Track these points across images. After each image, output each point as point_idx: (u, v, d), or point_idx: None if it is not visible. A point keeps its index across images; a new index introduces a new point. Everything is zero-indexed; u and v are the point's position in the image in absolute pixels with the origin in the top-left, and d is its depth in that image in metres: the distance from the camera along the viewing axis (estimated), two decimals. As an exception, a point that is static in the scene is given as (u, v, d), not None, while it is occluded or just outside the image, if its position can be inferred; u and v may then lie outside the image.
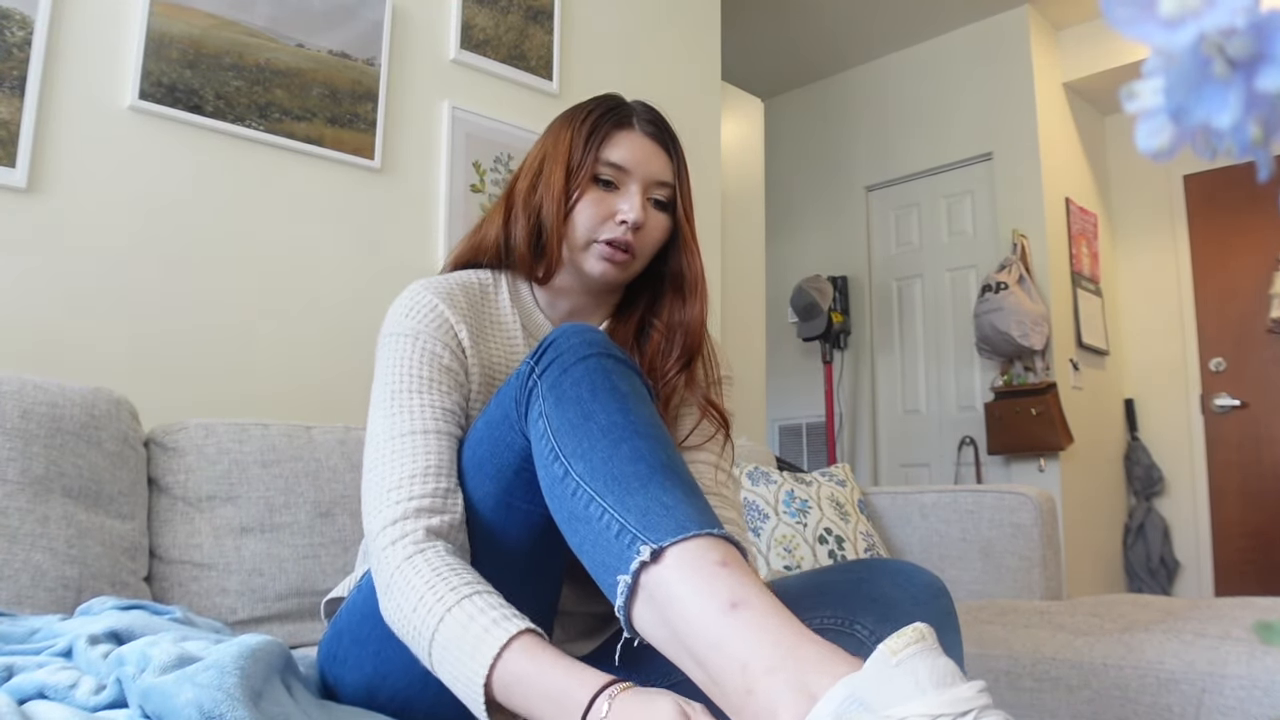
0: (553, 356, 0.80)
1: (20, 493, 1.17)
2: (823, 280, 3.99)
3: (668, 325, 1.02)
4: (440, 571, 0.77)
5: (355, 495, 1.47)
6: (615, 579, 0.69)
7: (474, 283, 1.01)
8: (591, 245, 0.98)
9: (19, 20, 1.58)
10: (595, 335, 0.82)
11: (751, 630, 0.63)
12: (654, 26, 2.64)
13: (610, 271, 0.98)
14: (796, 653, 0.62)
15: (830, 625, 0.78)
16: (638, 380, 0.82)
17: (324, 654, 0.93)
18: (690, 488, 0.74)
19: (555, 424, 0.77)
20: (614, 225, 0.97)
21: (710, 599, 0.65)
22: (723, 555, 0.68)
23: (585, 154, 0.98)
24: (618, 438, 0.74)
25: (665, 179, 1.01)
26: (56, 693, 0.73)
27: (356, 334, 1.96)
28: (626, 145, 0.99)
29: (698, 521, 0.69)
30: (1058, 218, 3.73)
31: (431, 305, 0.94)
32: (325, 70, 1.94)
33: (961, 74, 3.92)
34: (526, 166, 1.03)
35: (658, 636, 0.69)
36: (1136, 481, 3.92)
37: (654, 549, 0.67)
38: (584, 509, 0.73)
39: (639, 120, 1.02)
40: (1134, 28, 0.30)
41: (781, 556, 2.01)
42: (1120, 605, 1.63)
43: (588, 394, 0.77)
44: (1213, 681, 1.20)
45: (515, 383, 0.83)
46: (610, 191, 0.98)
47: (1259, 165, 0.31)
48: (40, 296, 1.58)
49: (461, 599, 0.74)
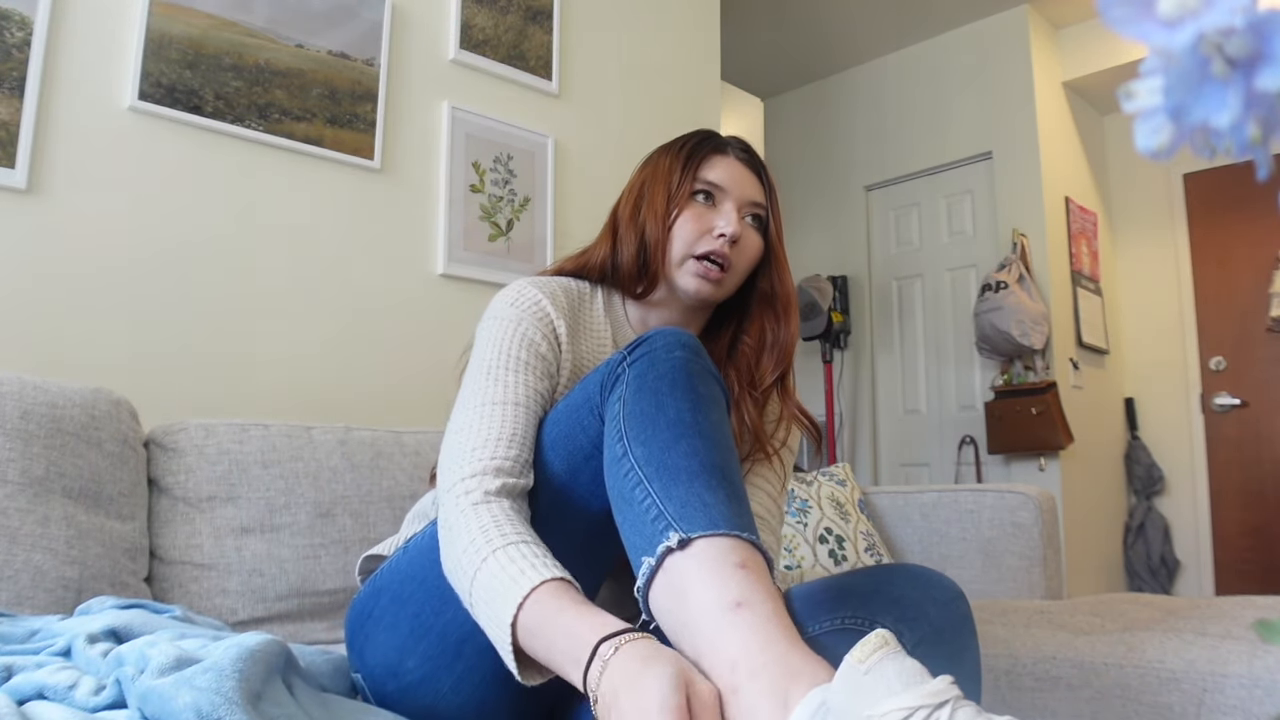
0: (645, 351, 0.84)
1: (20, 493, 1.17)
2: (823, 280, 3.98)
3: (759, 341, 1.08)
4: (498, 519, 0.79)
5: (355, 496, 1.47)
6: (642, 558, 0.72)
7: (573, 287, 1.07)
8: (688, 261, 1.03)
9: (19, 21, 1.58)
10: (688, 338, 0.86)
11: (747, 632, 0.65)
12: (653, 26, 2.64)
13: (704, 288, 1.04)
14: (784, 659, 0.64)
15: (852, 625, 0.80)
16: (717, 388, 0.85)
17: (356, 610, 0.95)
18: (735, 491, 0.77)
19: (629, 409, 0.81)
20: (712, 239, 1.03)
21: (719, 595, 0.67)
22: (743, 558, 0.70)
23: (685, 174, 1.05)
24: (680, 433, 0.78)
25: (759, 199, 1.07)
26: (56, 693, 0.73)
27: (357, 334, 1.96)
28: (723, 167, 1.06)
29: (730, 522, 0.72)
30: (1057, 217, 3.73)
31: (535, 298, 1.00)
32: (325, 70, 1.94)
33: (961, 73, 3.92)
34: (628, 192, 1.11)
35: (668, 622, 0.71)
36: (1137, 481, 3.92)
37: (682, 538, 0.70)
38: (631, 490, 0.77)
39: (733, 148, 1.09)
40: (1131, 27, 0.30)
41: (782, 556, 2.01)
42: (1121, 604, 1.63)
43: (666, 388, 0.81)
44: (1214, 680, 1.19)
45: (603, 369, 0.87)
46: (709, 207, 1.05)
47: (1258, 164, 0.31)
48: (40, 297, 1.58)
49: (509, 544, 0.76)
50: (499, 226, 2.21)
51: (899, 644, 0.62)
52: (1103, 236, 4.06)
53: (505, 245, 2.21)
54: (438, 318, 2.08)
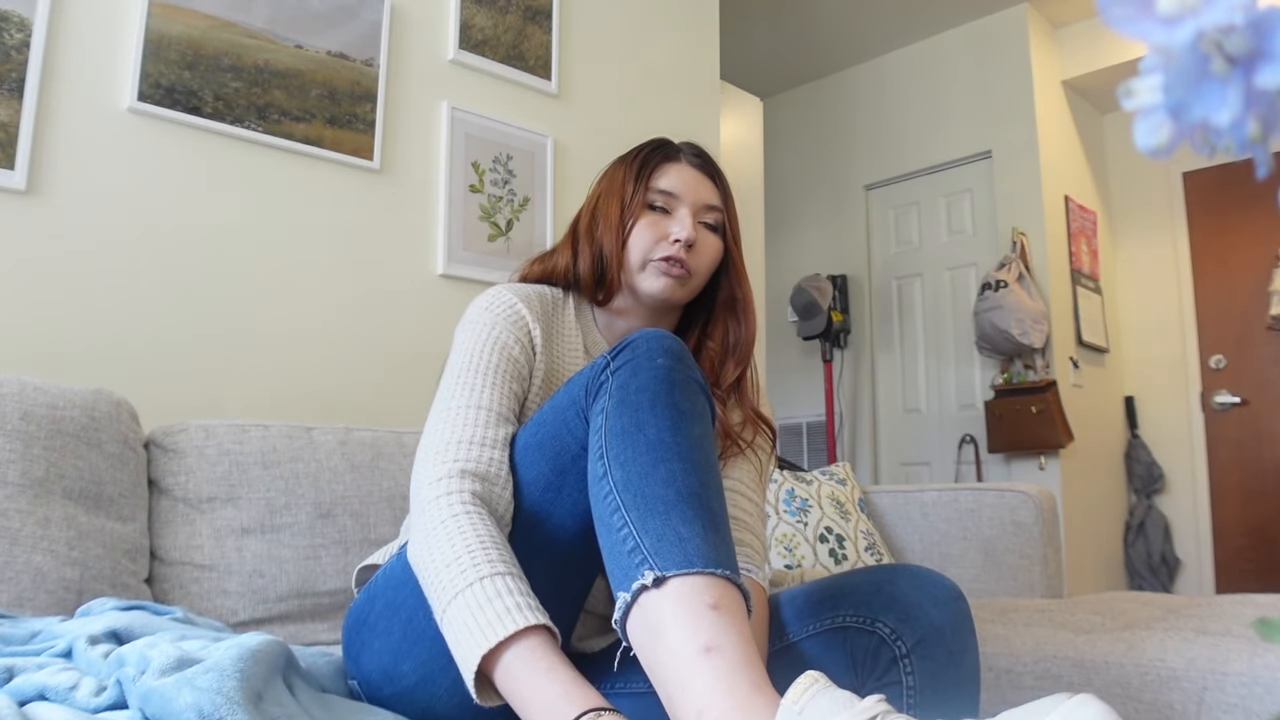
0: (629, 356, 0.84)
1: (21, 495, 1.17)
2: (822, 279, 3.98)
3: (722, 345, 1.10)
4: (484, 539, 0.80)
5: (356, 496, 1.48)
6: (618, 592, 0.74)
7: (548, 294, 1.08)
8: (648, 264, 1.05)
9: (17, 22, 1.58)
10: (672, 343, 0.86)
11: (715, 678, 0.67)
12: (652, 26, 2.64)
13: (670, 286, 1.05)
14: (746, 704, 0.65)
15: (853, 624, 0.82)
16: (702, 399, 0.85)
17: (351, 619, 0.96)
18: (714, 520, 0.77)
19: (611, 424, 0.81)
20: (668, 244, 1.05)
21: (691, 638, 0.69)
22: (717, 598, 0.71)
23: (637, 185, 1.07)
24: (659, 457, 0.78)
25: (714, 203, 1.09)
26: (57, 694, 0.73)
27: (356, 334, 1.96)
28: (675, 174, 1.08)
29: (706, 558, 0.72)
30: (1057, 215, 3.73)
31: (510, 303, 1.02)
32: (324, 71, 1.94)
33: (960, 72, 3.92)
34: (586, 204, 1.13)
35: (645, 656, 0.72)
36: (1137, 479, 3.92)
37: (657, 576, 0.71)
38: (610, 515, 0.77)
39: (685, 154, 1.11)
40: (1130, 25, 0.30)
41: (782, 555, 2.01)
42: (1121, 603, 1.63)
43: (647, 403, 0.80)
44: (1214, 679, 1.20)
45: (589, 372, 0.87)
46: (662, 216, 1.07)
47: (1258, 162, 0.31)
48: (40, 298, 1.58)
49: (496, 574, 0.77)
50: (498, 226, 2.21)
51: (828, 680, 0.64)
52: (1102, 235, 4.06)
53: (505, 245, 2.21)
54: (437, 318, 2.08)
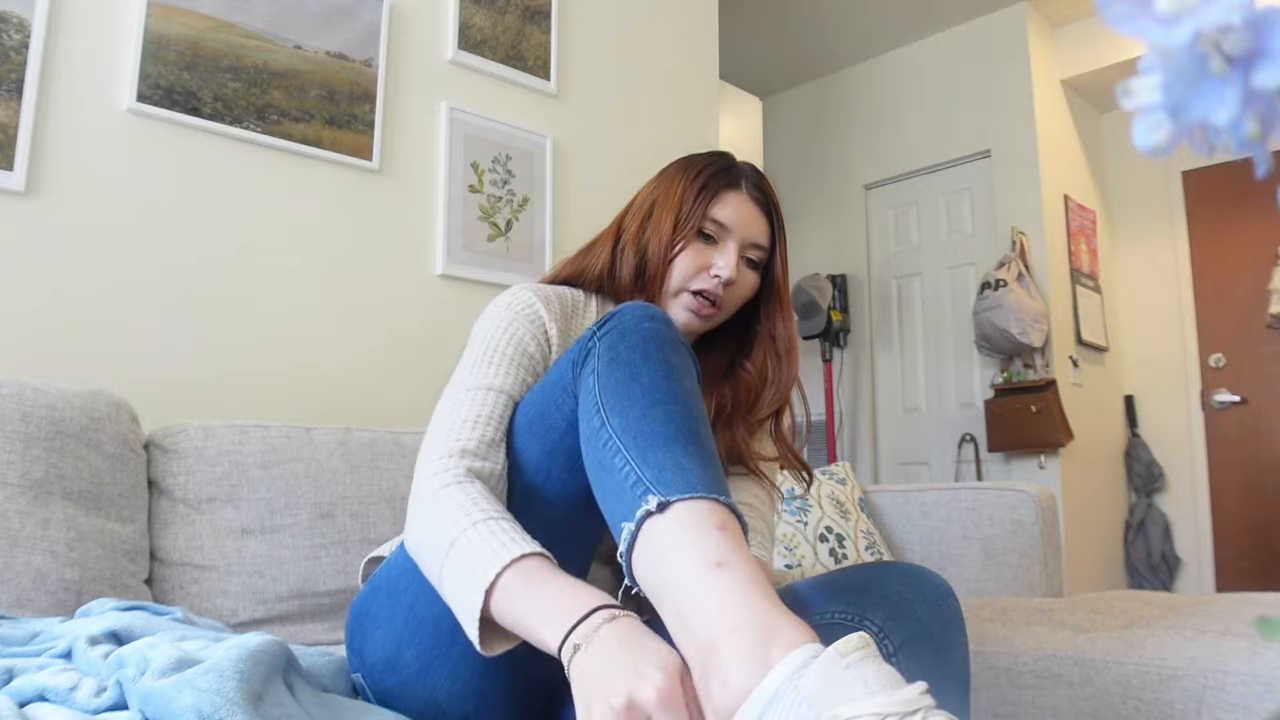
0: (615, 324, 0.85)
1: (21, 496, 1.17)
2: (822, 279, 3.98)
3: (762, 376, 1.10)
4: (474, 498, 0.81)
5: (356, 496, 1.48)
6: (622, 525, 0.74)
7: (568, 296, 1.08)
8: (681, 294, 1.06)
9: (16, 23, 1.58)
10: (657, 310, 0.88)
11: (728, 590, 0.67)
12: (651, 26, 2.64)
13: (693, 323, 1.07)
14: (764, 618, 0.65)
15: (841, 620, 0.81)
16: (688, 358, 0.87)
17: (356, 610, 0.96)
18: (711, 457, 0.78)
19: (603, 381, 0.82)
20: (707, 277, 1.05)
21: (700, 555, 0.69)
22: (722, 520, 0.71)
23: (695, 207, 1.06)
24: (655, 400, 0.79)
25: (762, 242, 1.09)
26: (57, 695, 0.73)
27: (356, 335, 1.96)
28: (732, 205, 1.07)
29: (707, 485, 0.73)
30: (1056, 215, 3.73)
31: (529, 301, 1.02)
32: (323, 71, 1.94)
33: (959, 71, 3.92)
34: (637, 206, 1.12)
35: (650, 586, 0.72)
36: (1137, 478, 3.92)
37: (660, 501, 0.72)
38: (610, 459, 0.78)
39: (747, 184, 1.10)
40: (1129, 25, 0.30)
41: (782, 555, 2.01)
42: (1121, 602, 1.63)
43: (640, 357, 0.82)
44: (1215, 677, 1.20)
45: (574, 349, 0.88)
46: (709, 245, 1.07)
47: (1257, 161, 0.31)
48: (39, 299, 1.58)
49: (488, 519, 0.78)
50: (498, 227, 2.21)
51: (878, 649, 0.63)
52: (1102, 234, 4.06)
53: (504, 245, 2.21)
54: (437, 318, 2.08)
